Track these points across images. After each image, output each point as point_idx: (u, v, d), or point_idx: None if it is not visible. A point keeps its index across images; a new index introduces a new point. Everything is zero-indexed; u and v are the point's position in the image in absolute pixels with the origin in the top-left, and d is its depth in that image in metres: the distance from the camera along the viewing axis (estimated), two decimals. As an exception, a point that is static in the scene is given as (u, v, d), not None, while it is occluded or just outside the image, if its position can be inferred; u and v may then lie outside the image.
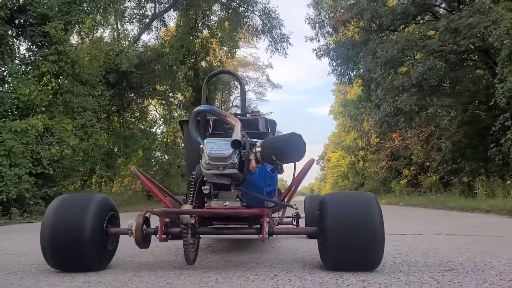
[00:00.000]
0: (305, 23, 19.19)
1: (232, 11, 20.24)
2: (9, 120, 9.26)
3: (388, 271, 2.15)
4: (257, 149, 2.08)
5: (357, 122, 27.56)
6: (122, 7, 15.91)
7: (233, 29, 20.24)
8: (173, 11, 20.20)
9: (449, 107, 14.60)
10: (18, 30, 10.89)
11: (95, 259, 2.17)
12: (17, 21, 10.64)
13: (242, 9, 20.61)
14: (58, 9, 10.57)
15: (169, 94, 20.91)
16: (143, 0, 19.25)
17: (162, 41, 20.09)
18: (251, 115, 2.52)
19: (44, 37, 10.42)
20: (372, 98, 18.01)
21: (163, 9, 19.87)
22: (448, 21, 12.72)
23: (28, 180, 8.69)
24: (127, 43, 17.65)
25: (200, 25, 20.18)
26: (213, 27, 20.87)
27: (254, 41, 25.67)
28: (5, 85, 10.24)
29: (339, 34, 18.97)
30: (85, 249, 2.09)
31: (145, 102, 20.39)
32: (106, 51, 14.20)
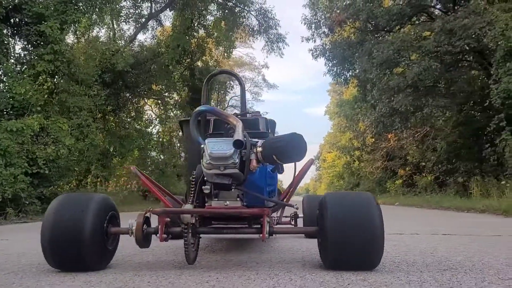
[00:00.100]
0: (301, 23, 19.28)
1: (228, 11, 20.24)
2: (4, 119, 9.21)
3: (387, 270, 2.17)
4: (258, 149, 2.09)
5: (353, 122, 27.64)
6: (118, 6, 15.84)
7: (229, 29, 20.25)
8: (169, 10, 20.16)
9: (444, 108, 14.68)
10: (13, 29, 10.83)
11: (95, 259, 2.17)
12: (13, 20, 10.58)
13: (238, 9, 20.61)
14: (54, 8, 10.51)
15: (165, 94, 20.86)
16: (139, -1, 19.21)
17: (158, 40, 20.05)
18: (252, 115, 2.53)
19: (39, 36, 10.36)
20: (367, 98, 18.07)
21: (159, 8, 19.82)
22: (443, 22, 12.79)
23: (23, 180, 8.65)
24: (123, 42, 17.61)
25: (196, 25, 20.15)
26: (209, 27, 20.86)
27: (250, 41, 25.66)
28: (0, 85, 10.18)
29: (335, 34, 19.03)
30: (85, 249, 2.08)
31: (141, 102, 20.32)
32: (102, 51, 14.16)
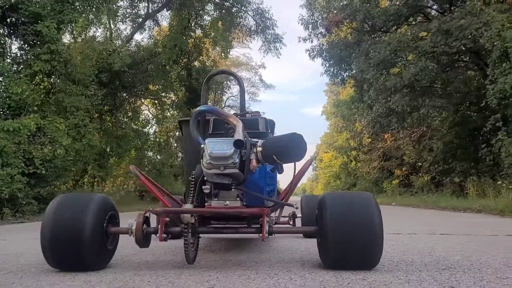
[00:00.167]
0: (298, 23, 19.28)
1: (225, 11, 20.26)
2: (1, 119, 9.19)
3: (386, 269, 2.18)
4: (258, 148, 2.09)
5: (350, 122, 27.69)
6: (115, 6, 15.84)
7: (227, 29, 20.25)
8: (166, 10, 20.15)
9: (440, 108, 14.74)
10: (10, 29, 10.79)
11: (95, 259, 2.17)
12: (9, 20, 10.55)
13: (235, 9, 20.63)
14: (50, 8, 10.50)
15: (162, 94, 20.84)
16: (136, -1, 19.20)
17: (155, 40, 20.03)
18: (251, 115, 2.54)
19: (36, 36, 10.34)
20: (364, 98, 18.13)
21: (156, 8, 19.82)
22: (440, 22, 12.85)
23: (20, 180, 8.62)
24: (120, 42, 17.58)
25: (193, 24, 20.15)
26: (206, 27, 20.86)
27: (247, 41, 25.69)
28: (-4, 84, 10.16)
29: (332, 34, 19.06)
30: (85, 249, 2.08)
31: (138, 102, 20.31)
32: (99, 51, 14.13)
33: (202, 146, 2.16)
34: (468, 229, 4.70)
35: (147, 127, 20.58)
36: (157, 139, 21.38)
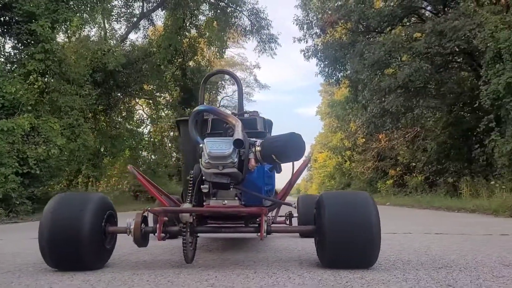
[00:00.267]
0: (293, 24, 19.33)
1: (220, 11, 20.25)
2: (-5, 119, 9.13)
3: (384, 268, 2.19)
4: (257, 148, 2.10)
5: (344, 122, 27.79)
6: (109, 5, 15.79)
7: (222, 29, 20.26)
8: (161, 10, 20.11)
9: (434, 109, 14.84)
10: (3, 27, 10.73)
11: (93, 258, 2.17)
12: (3, 19, 10.50)
13: (230, 9, 20.63)
14: (45, 7, 10.43)
15: (157, 93, 20.79)
16: (130, -2, 19.15)
17: (149, 40, 19.99)
18: (249, 115, 2.55)
19: (30, 35, 10.28)
20: (359, 99, 18.19)
21: (150, 8, 19.78)
22: (434, 23, 12.92)
23: (14, 179, 8.58)
24: (114, 42, 17.51)
25: (188, 24, 20.13)
26: (201, 26, 20.84)
27: (242, 41, 25.68)
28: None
29: (327, 35, 19.11)
30: (83, 248, 2.08)
31: (132, 101, 20.24)
32: (93, 50, 14.07)
33: (200, 145, 2.16)
34: (462, 228, 4.74)
35: (142, 127, 20.58)
36: (152, 139, 21.33)
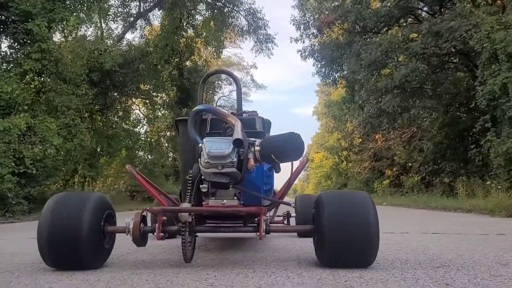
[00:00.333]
0: (290, 24, 19.37)
1: (217, 11, 20.24)
2: (-9, 118, 9.09)
3: (382, 268, 2.20)
4: (256, 148, 2.11)
5: (341, 123, 27.82)
6: (106, 5, 15.75)
7: (219, 29, 20.24)
8: (158, 10, 20.10)
9: (430, 109, 14.89)
10: (-1, 27, 10.70)
11: (92, 258, 2.17)
12: (-1, 18, 10.46)
13: (227, 9, 20.62)
14: (41, 6, 10.40)
15: (153, 93, 20.76)
16: (127, -2, 19.11)
17: (146, 40, 19.95)
18: (248, 115, 2.55)
19: (26, 34, 10.25)
20: (355, 99, 18.22)
21: (147, 7, 19.74)
22: (430, 24, 12.98)
23: (10, 179, 8.55)
24: (111, 41, 17.46)
25: (185, 24, 20.12)
26: (198, 26, 20.83)
27: (239, 41, 25.71)
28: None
29: (323, 35, 19.14)
30: (82, 248, 2.08)
31: (129, 101, 20.20)
32: (90, 50, 14.03)
33: (200, 145, 2.17)
34: (459, 228, 4.76)
35: (138, 127, 20.53)
36: (148, 139, 21.29)
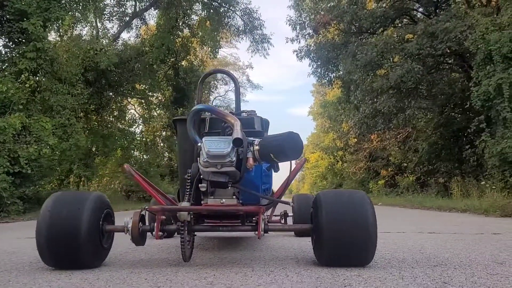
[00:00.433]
0: (286, 24, 19.37)
1: (213, 11, 20.21)
2: (-15, 118, 9.04)
3: (380, 266, 2.22)
4: (255, 147, 2.11)
5: (336, 123, 27.90)
6: (101, 4, 15.70)
7: (214, 29, 20.22)
8: (154, 9, 20.03)
9: (425, 109, 14.99)
10: (-6, 26, 10.63)
11: (91, 257, 2.17)
12: (-6, 17, 10.40)
13: (223, 9, 20.60)
14: (36, 6, 10.34)
15: (149, 93, 20.70)
16: (123, -2, 19.05)
17: (142, 39, 19.89)
18: (247, 114, 2.56)
19: (22, 33, 10.20)
20: (351, 99, 18.29)
21: (143, 7, 19.67)
22: (425, 25, 13.04)
23: (5, 179, 8.50)
24: (106, 41, 17.41)
25: (181, 24, 20.07)
26: (194, 26, 20.80)
27: (235, 41, 25.69)
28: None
29: (319, 36, 19.17)
30: (81, 247, 2.08)
31: (124, 101, 20.15)
32: (85, 49, 13.98)
33: (199, 144, 2.17)
34: (454, 228, 4.79)
35: (134, 127, 20.48)
36: (144, 139, 21.24)
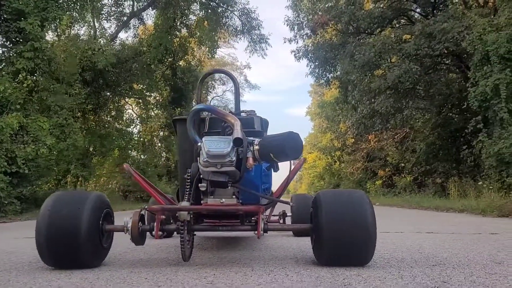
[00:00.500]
0: (284, 24, 19.39)
1: (211, 11, 20.20)
2: (-18, 117, 9.02)
3: (379, 266, 2.23)
4: (255, 147, 2.12)
5: (334, 123, 27.92)
6: (99, 4, 15.68)
7: (212, 29, 20.21)
8: (152, 9, 20.03)
9: (423, 110, 15.02)
10: (-9, 25, 10.60)
11: (91, 257, 2.17)
12: (-9, 17, 10.37)
13: (221, 9, 20.60)
14: (34, 5, 10.32)
15: (146, 93, 20.68)
16: (121, -3, 19.03)
17: (140, 39, 19.87)
18: (246, 114, 2.56)
19: (19, 33, 10.19)
20: (349, 99, 18.31)
21: (141, 7, 19.65)
22: (423, 25, 13.07)
23: (2, 179, 8.49)
24: (104, 41, 17.38)
25: (178, 24, 20.06)
26: (192, 26, 20.79)
27: (233, 41, 25.70)
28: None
29: (317, 36, 19.19)
30: (81, 247, 2.08)
31: (122, 101, 20.12)
32: (83, 49, 13.96)
33: (199, 144, 2.17)
34: (452, 228, 4.80)
35: (131, 127, 20.46)
36: (141, 139, 21.22)
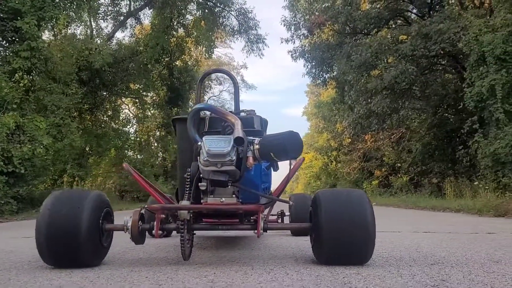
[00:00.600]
0: (281, 24, 19.41)
1: (208, 11, 20.19)
2: (-21, 117, 8.98)
3: (378, 265, 2.24)
4: (256, 146, 2.13)
5: (330, 123, 27.96)
6: (96, 3, 15.64)
7: (209, 29, 20.21)
8: (148, 9, 19.99)
9: (419, 110, 15.09)
10: (-12, 25, 10.55)
11: (91, 256, 2.17)
12: (-13, 16, 10.32)
13: (218, 9, 20.59)
14: (30, 4, 10.28)
15: (143, 93, 20.65)
16: (117, -3, 18.99)
17: (137, 39, 19.82)
18: (246, 114, 2.57)
19: (15, 32, 10.15)
20: (345, 100, 18.36)
21: (138, 6, 19.62)
22: (419, 26, 13.13)
23: (-1, 179, 8.46)
24: (101, 40, 17.33)
25: (175, 24, 20.03)
26: (189, 26, 20.77)
27: (230, 41, 25.67)
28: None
29: (314, 36, 19.22)
30: (81, 246, 2.08)
31: (118, 100, 20.07)
32: (80, 49, 13.92)
33: (199, 143, 2.18)
34: (449, 227, 4.83)
35: (128, 126, 20.42)
36: (138, 139, 21.18)
